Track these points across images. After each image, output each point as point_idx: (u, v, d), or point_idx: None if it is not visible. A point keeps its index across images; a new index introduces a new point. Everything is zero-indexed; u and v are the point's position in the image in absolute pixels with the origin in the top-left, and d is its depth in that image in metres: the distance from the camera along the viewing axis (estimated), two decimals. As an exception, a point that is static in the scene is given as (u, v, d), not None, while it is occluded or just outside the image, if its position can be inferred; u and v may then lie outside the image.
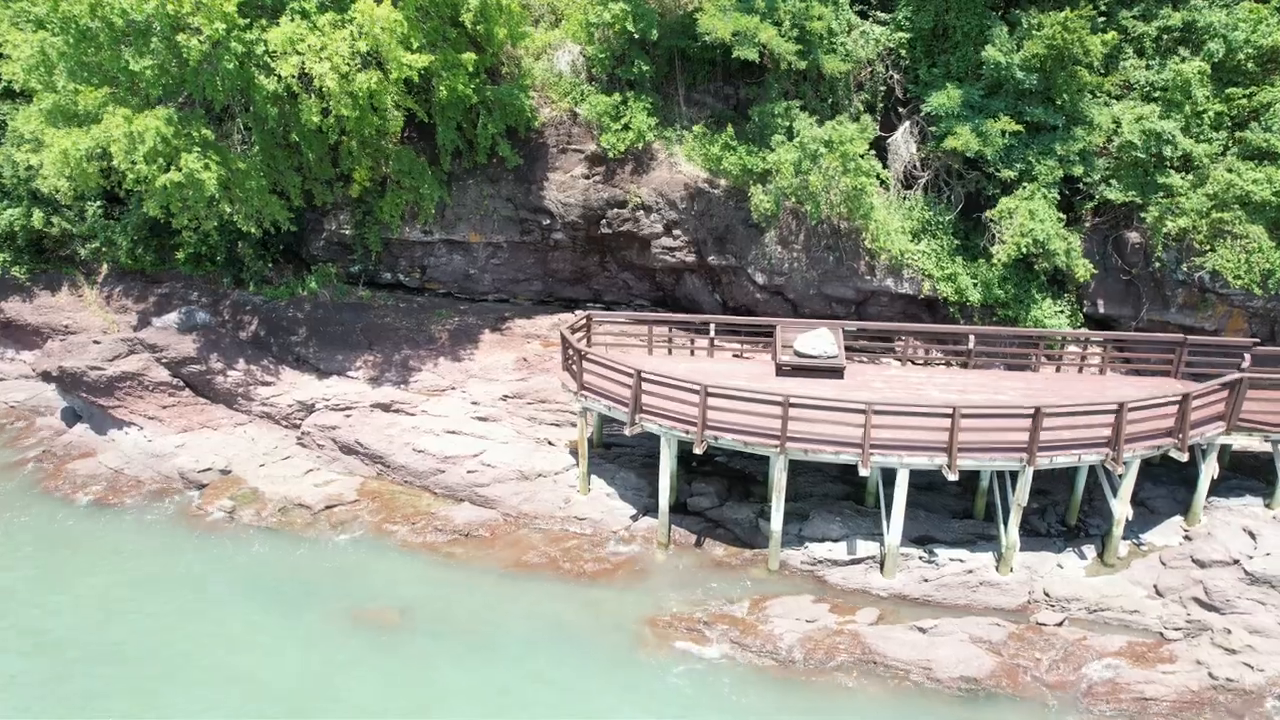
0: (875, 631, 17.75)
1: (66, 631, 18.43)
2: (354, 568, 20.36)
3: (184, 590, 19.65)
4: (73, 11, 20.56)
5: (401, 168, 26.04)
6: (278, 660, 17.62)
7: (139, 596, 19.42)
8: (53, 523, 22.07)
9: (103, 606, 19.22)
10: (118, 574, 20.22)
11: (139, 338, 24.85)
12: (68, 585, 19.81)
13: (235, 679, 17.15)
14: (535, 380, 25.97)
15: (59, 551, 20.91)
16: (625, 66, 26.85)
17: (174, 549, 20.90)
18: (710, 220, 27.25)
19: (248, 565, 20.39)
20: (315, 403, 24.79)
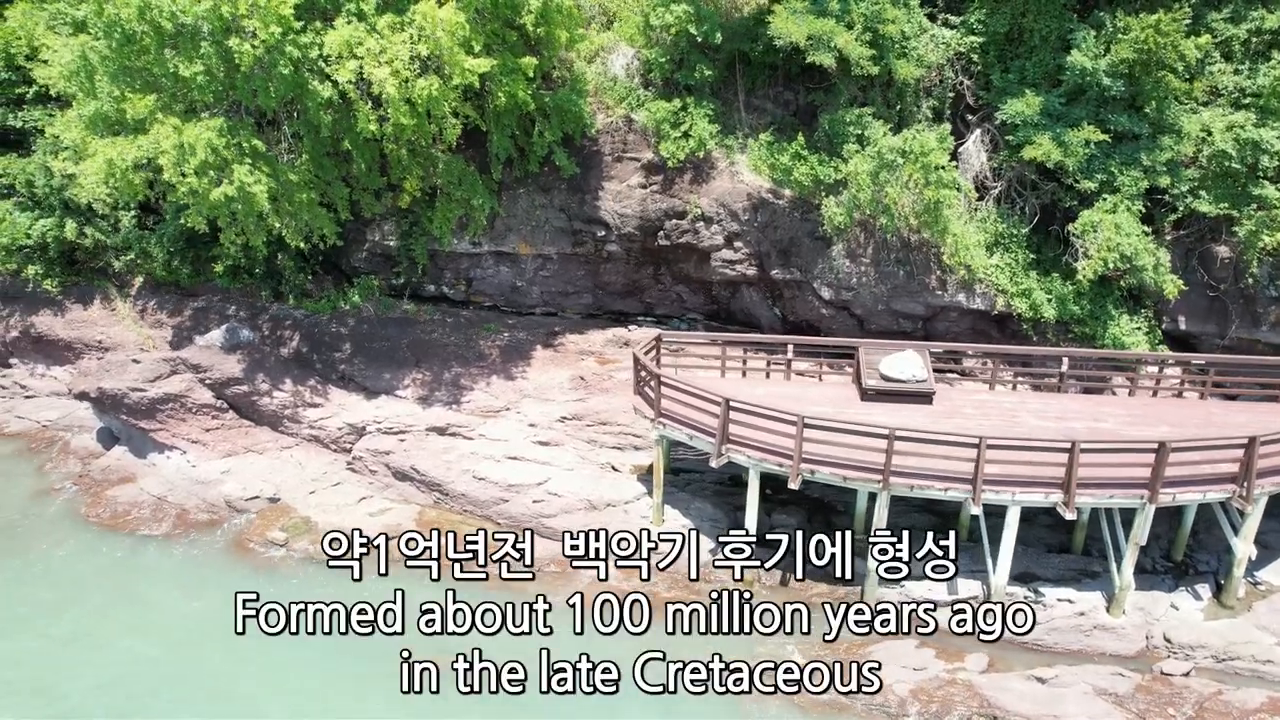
0: (990, 681, 16.34)
1: (127, 672, 16.99)
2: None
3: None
4: (119, 14, 18.96)
5: (452, 178, 24.52)
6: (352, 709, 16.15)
7: (199, 636, 17.90)
8: (97, 554, 20.58)
9: (164, 644, 17.80)
10: (173, 612, 18.71)
11: (181, 357, 23.31)
12: (123, 624, 18.30)
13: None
14: (594, 401, 24.49)
15: (107, 588, 19.40)
16: (685, 71, 25.35)
17: (228, 585, 19.33)
18: (774, 232, 25.77)
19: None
20: (366, 425, 23.27)
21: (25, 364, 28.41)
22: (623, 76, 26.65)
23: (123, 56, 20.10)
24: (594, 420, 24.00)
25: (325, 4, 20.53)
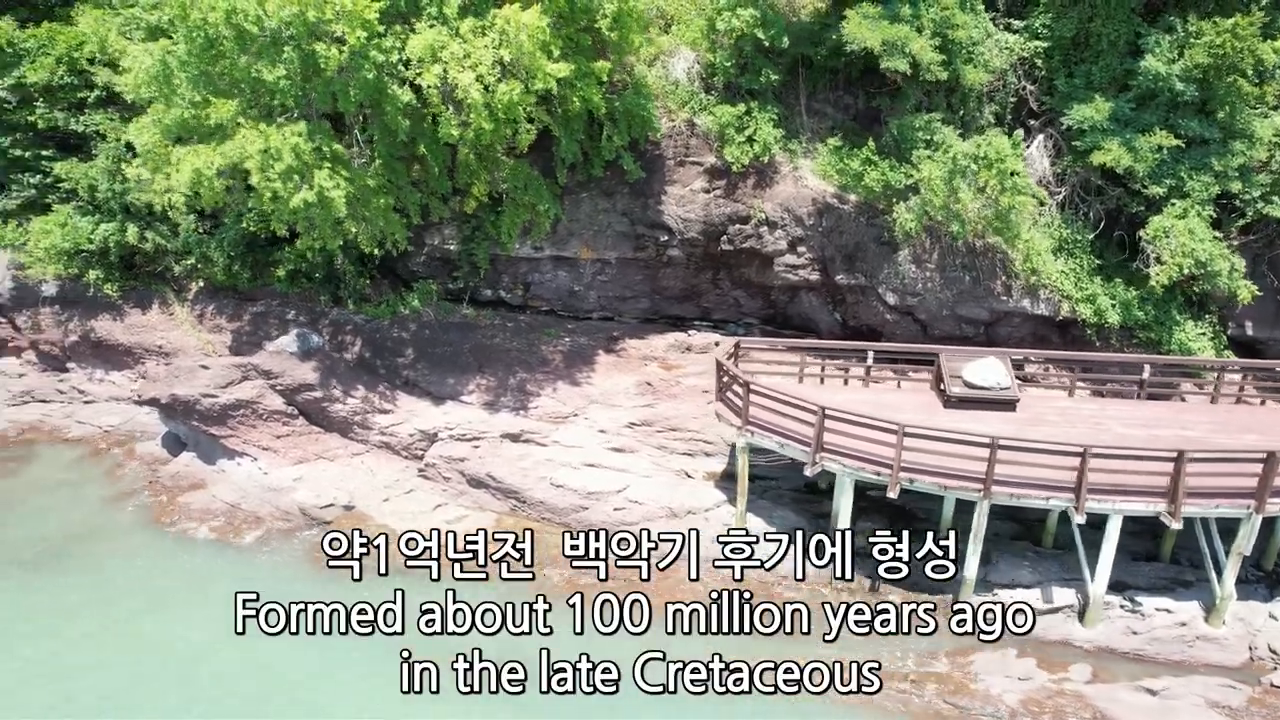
0: (1098, 692, 16.03)
1: (218, 679, 16.64)
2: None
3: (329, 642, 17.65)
4: (204, 19, 18.50)
5: (518, 182, 24.11)
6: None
7: (289, 649, 17.44)
8: (175, 562, 20.16)
9: (258, 661, 17.30)
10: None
11: (253, 363, 22.86)
12: (213, 631, 17.82)
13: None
14: (663, 407, 24.11)
15: (191, 596, 18.94)
16: (750, 75, 24.97)
17: (313, 594, 18.86)
18: (840, 237, 25.42)
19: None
20: (438, 432, 22.86)
21: (83, 369, 27.94)
22: (684, 80, 26.25)
23: (203, 61, 19.67)
24: (664, 426, 23.63)
25: (406, 8, 20.07)
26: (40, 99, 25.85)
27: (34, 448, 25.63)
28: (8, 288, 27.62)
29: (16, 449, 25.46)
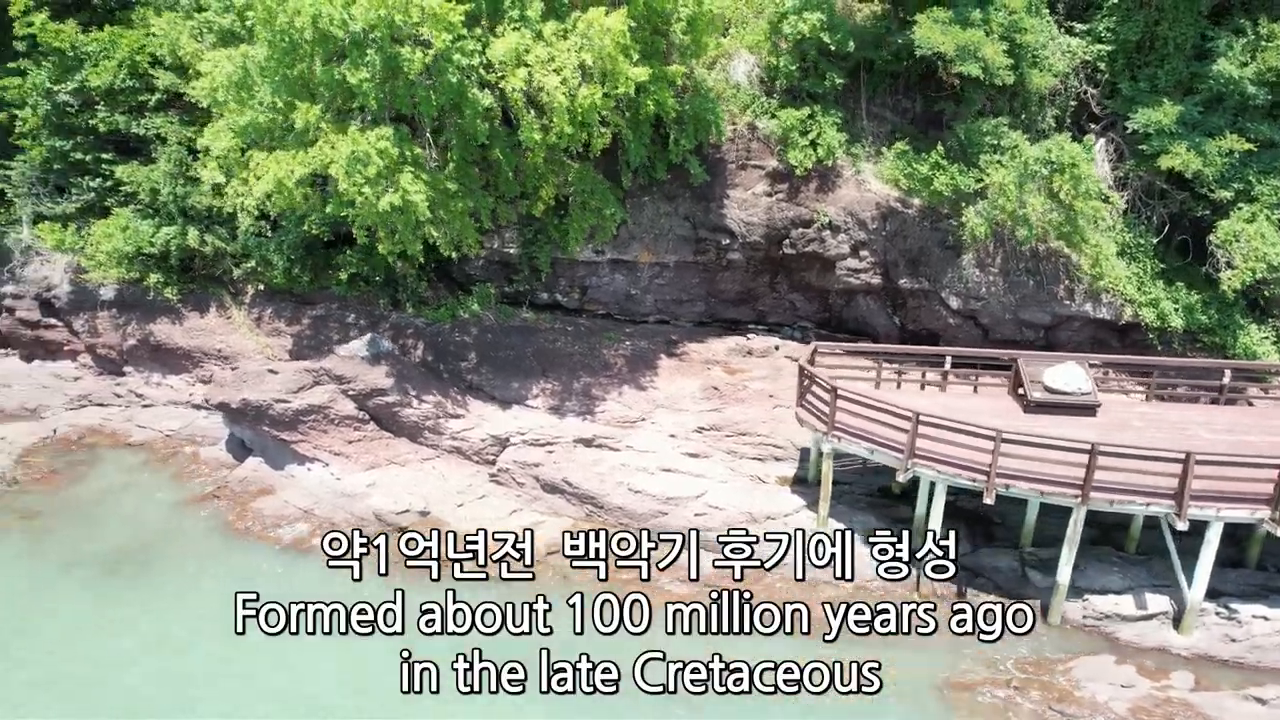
0: (1205, 700, 15.83)
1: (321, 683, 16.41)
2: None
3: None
4: (291, 23, 18.20)
5: (585, 186, 23.84)
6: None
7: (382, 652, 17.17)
8: (258, 569, 19.82)
9: (361, 670, 17.04)
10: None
11: (325, 368, 22.55)
12: (307, 641, 17.53)
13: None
14: (730, 411, 23.86)
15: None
16: (813, 79, 24.72)
17: (385, 598, 18.59)
18: (903, 241, 25.19)
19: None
20: (509, 437, 22.58)
21: (140, 372, 27.61)
22: (744, 83, 26.00)
23: (284, 66, 19.37)
24: (732, 431, 23.38)
25: (486, 11, 19.79)
26: (101, 102, 25.52)
27: (96, 451, 25.28)
28: (66, 291, 27.29)
29: (80, 453, 25.11)
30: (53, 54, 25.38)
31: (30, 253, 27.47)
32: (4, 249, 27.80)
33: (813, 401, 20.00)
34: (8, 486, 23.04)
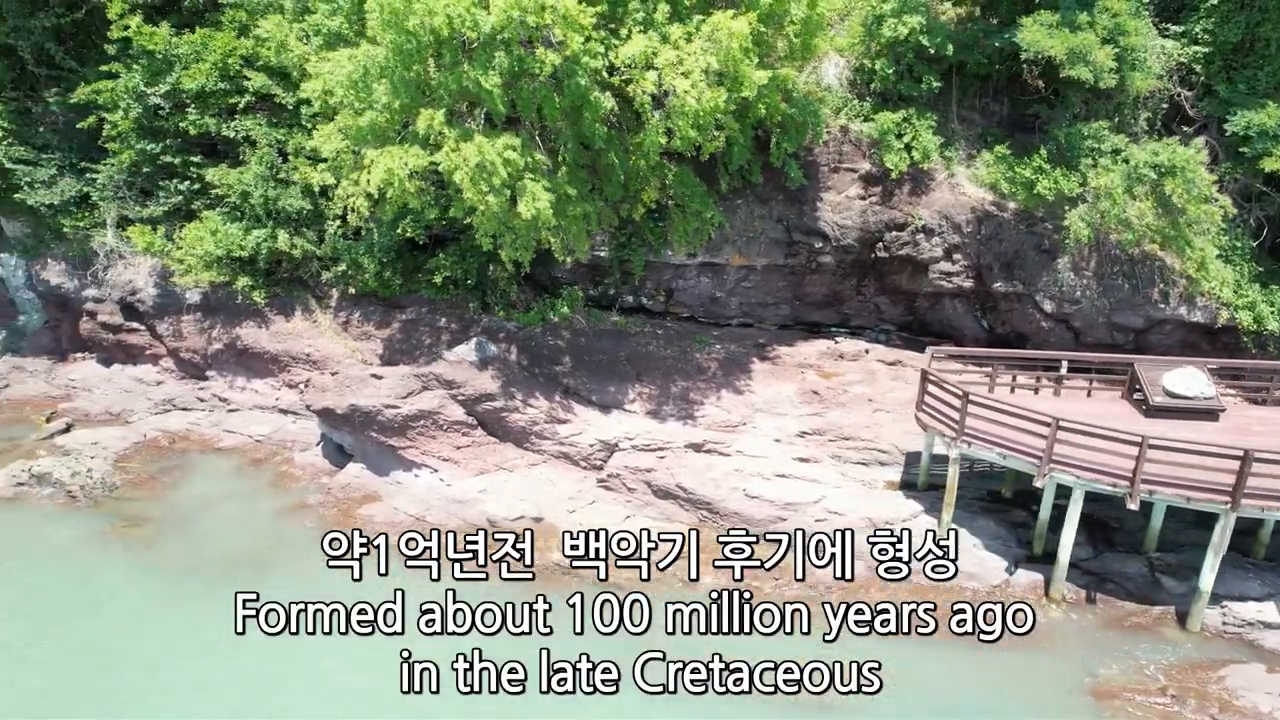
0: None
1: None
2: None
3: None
4: (422, 24, 17.79)
5: (685, 190, 23.50)
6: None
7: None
8: (375, 575, 19.30)
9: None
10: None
11: (433, 373, 22.14)
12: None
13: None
14: (832, 415, 23.53)
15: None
16: (909, 82, 24.44)
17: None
18: (998, 245, 24.90)
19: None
20: (618, 442, 22.21)
21: (224, 376, 27.17)
22: (836, 86, 25.69)
23: (406, 67, 18.97)
24: (835, 435, 23.05)
25: (612, 14, 19.43)
26: (192, 105, 25.09)
27: (188, 457, 24.83)
28: (151, 295, 26.85)
29: (172, 458, 24.66)
30: (143, 57, 24.95)
31: (114, 256, 27.00)
32: (87, 253, 27.35)
33: (937, 406, 19.66)
34: (108, 492, 22.59)
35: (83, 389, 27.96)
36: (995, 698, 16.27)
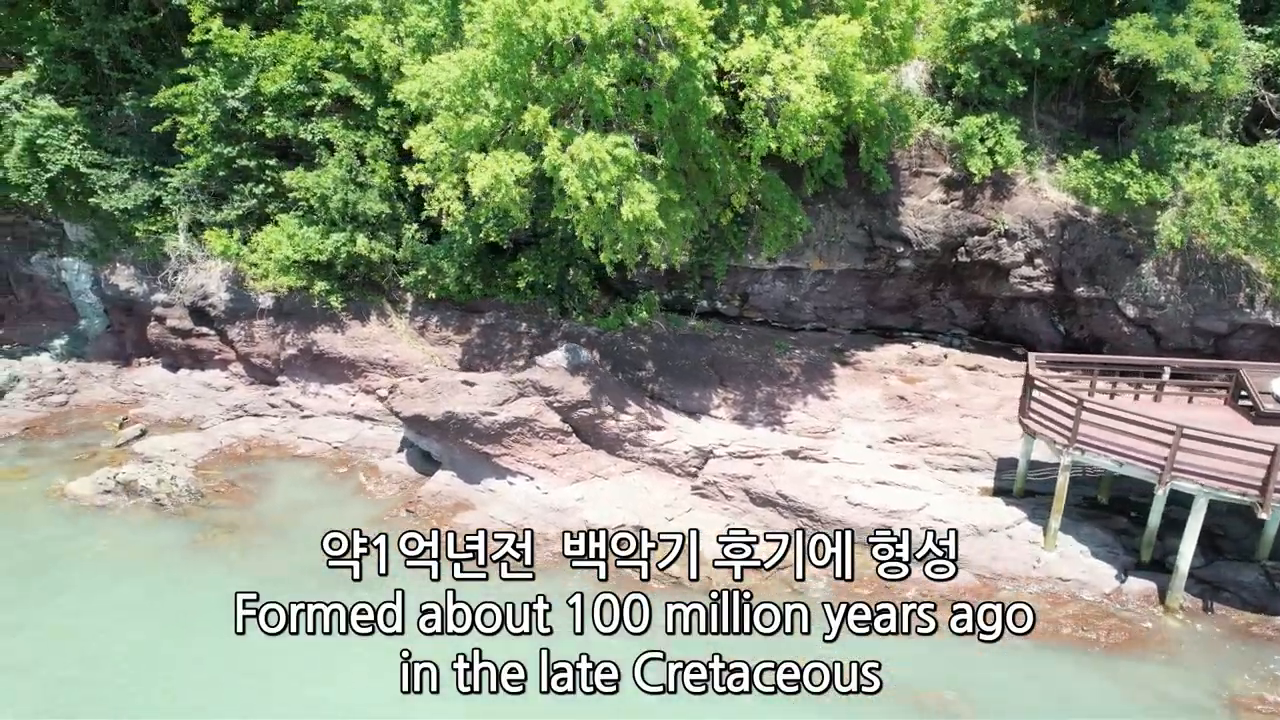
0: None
1: None
2: (851, 641, 17.55)
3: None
4: (535, 25, 17.47)
5: (774, 195, 23.20)
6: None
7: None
8: (478, 585, 18.95)
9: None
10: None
11: (530, 379, 21.77)
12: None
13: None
14: (921, 421, 23.26)
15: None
16: (993, 86, 24.20)
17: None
18: (1081, 250, 24.67)
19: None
20: (713, 449, 21.90)
21: (296, 382, 26.74)
22: (916, 90, 25.44)
23: (514, 71, 18.64)
24: (925, 441, 22.79)
25: (722, 18, 19.12)
26: (269, 107, 24.68)
27: (266, 464, 24.39)
28: (223, 299, 26.40)
29: (251, 465, 24.22)
30: (219, 59, 24.55)
31: (184, 260, 26.56)
32: (157, 257, 26.92)
33: (1045, 412, 19.40)
34: (194, 500, 22.16)
35: (150, 394, 27.50)
36: (1134, 707, 15.99)
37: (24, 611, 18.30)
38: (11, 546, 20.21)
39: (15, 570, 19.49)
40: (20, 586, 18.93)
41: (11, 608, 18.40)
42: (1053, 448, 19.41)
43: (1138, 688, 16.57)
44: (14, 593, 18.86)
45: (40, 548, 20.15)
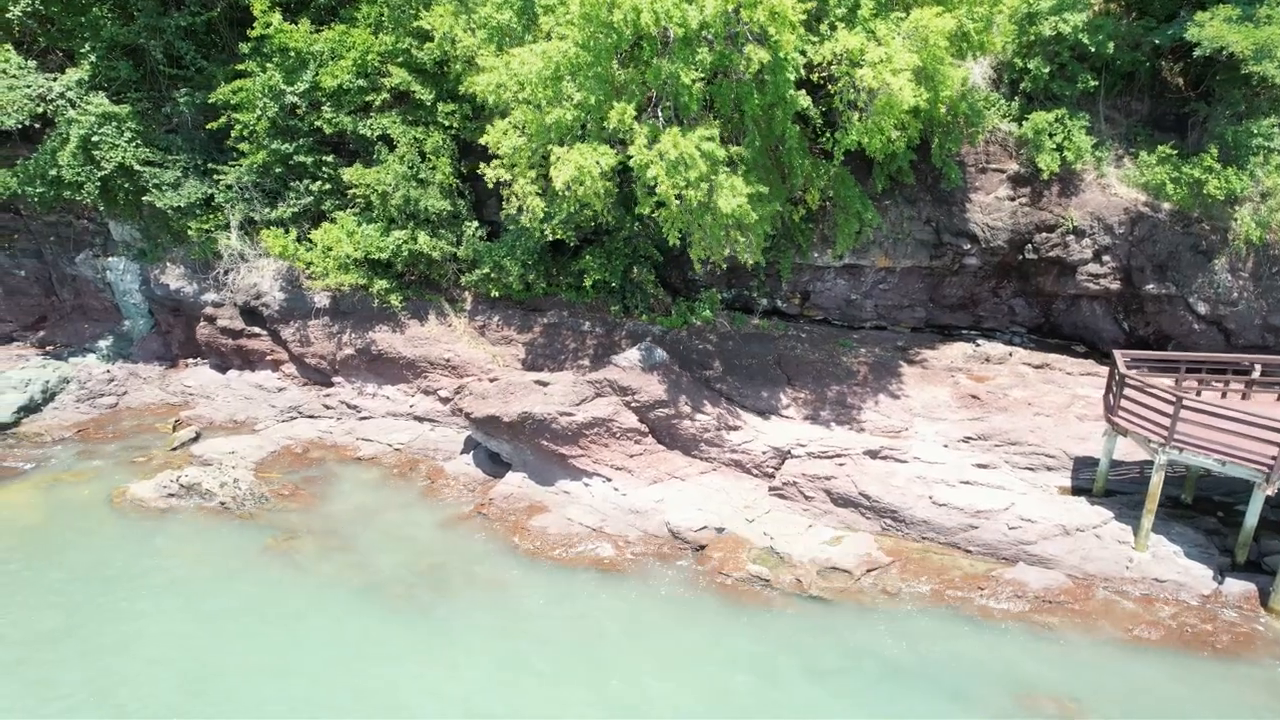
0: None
1: None
2: (947, 642, 17.19)
3: (762, 677, 16.28)
4: (629, 18, 17.02)
5: (847, 191, 22.80)
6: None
7: (723, 686, 16.04)
8: (563, 593, 18.51)
9: (702, 691, 15.87)
10: (700, 658, 16.79)
11: (607, 379, 21.31)
12: (649, 671, 16.38)
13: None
14: (995, 420, 22.87)
15: (608, 630, 17.40)
16: (1062, 82, 23.85)
17: (721, 624, 17.43)
18: (1152, 246, 24.32)
19: (829, 645, 17.06)
20: (790, 449, 21.48)
21: (351, 383, 26.21)
22: (982, 85, 25.07)
23: (599, 63, 18.20)
24: (1001, 440, 22.40)
25: (819, 11, 18.72)
26: (327, 103, 24.18)
27: (326, 466, 23.87)
28: (277, 299, 25.86)
29: (312, 468, 23.69)
30: (276, 54, 24.03)
31: (236, 259, 26.02)
32: (208, 257, 26.37)
33: (1138, 411, 19.04)
34: (259, 503, 21.64)
35: (200, 395, 26.94)
36: (1262, 708, 15.62)
37: (127, 623, 17.51)
38: (87, 553, 19.64)
39: (99, 579, 18.79)
40: (108, 595, 18.28)
41: (112, 619, 17.62)
42: (1146, 447, 19.02)
43: (1258, 689, 16.18)
44: (106, 601, 18.10)
45: (114, 553, 19.60)
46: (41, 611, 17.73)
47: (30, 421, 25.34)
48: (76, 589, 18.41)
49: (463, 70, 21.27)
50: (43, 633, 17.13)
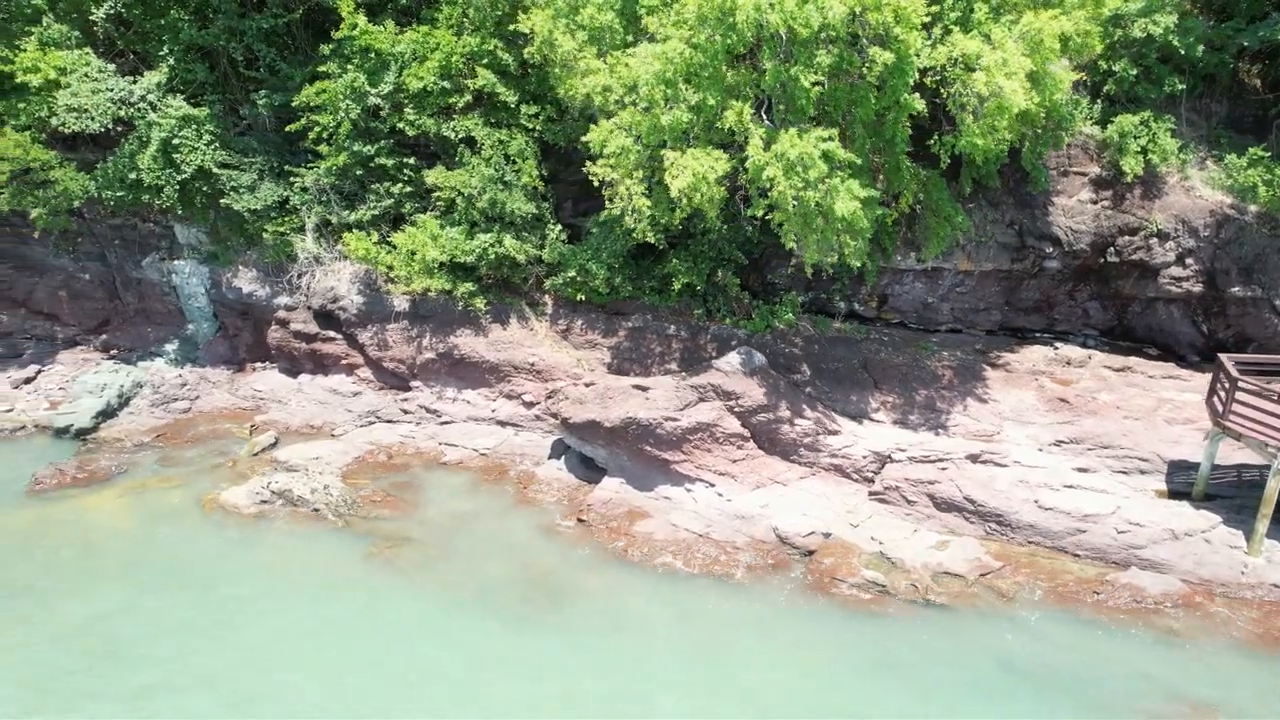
0: None
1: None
2: (1074, 648, 17.11)
3: (900, 686, 16.17)
4: (753, 19, 16.87)
5: (938, 194, 22.71)
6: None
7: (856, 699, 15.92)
8: (677, 601, 18.32)
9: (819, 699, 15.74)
10: (816, 669, 16.61)
11: (710, 383, 21.14)
12: (771, 681, 16.22)
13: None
14: (1086, 424, 22.80)
15: (734, 641, 17.23)
16: (1148, 84, 23.84)
17: (849, 633, 17.30)
18: (1238, 249, 24.33)
19: (963, 652, 16.94)
20: (891, 453, 21.37)
21: (430, 387, 25.96)
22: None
23: (717, 65, 18.05)
24: (1093, 444, 22.34)
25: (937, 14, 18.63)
26: (409, 105, 23.94)
27: (412, 471, 23.62)
28: (354, 302, 25.60)
29: (398, 474, 23.44)
30: (356, 56, 23.78)
31: (311, 262, 25.74)
32: (281, 260, 26.08)
33: (1255, 415, 18.99)
34: (352, 510, 21.39)
35: (271, 400, 26.64)
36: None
37: (248, 634, 17.26)
38: (189, 563, 19.33)
39: (205, 589, 18.46)
40: (217, 605, 17.98)
41: (230, 630, 17.38)
42: (1263, 451, 18.99)
43: None
44: (222, 615, 17.76)
45: (217, 563, 19.33)
46: (155, 623, 17.44)
47: (108, 427, 25.01)
48: (184, 600, 18.12)
49: (561, 73, 21.05)
50: (161, 644, 16.84)
